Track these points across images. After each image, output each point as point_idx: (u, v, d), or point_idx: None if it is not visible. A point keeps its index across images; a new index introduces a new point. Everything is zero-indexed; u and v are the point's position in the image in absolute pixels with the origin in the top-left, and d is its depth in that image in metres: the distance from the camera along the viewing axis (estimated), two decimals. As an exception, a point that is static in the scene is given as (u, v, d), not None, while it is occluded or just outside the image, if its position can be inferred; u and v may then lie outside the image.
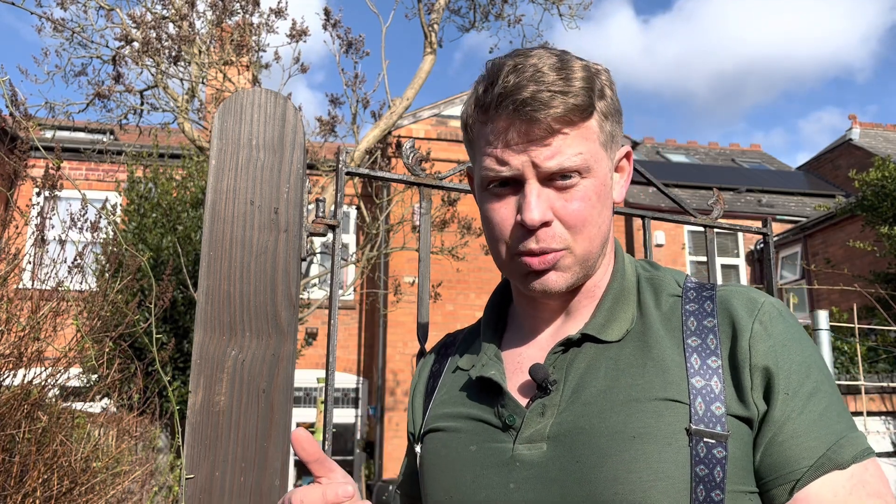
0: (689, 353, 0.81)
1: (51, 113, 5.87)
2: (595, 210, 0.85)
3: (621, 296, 0.89)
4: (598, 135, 0.85)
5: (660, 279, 0.92)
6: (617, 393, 0.80)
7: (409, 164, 1.48)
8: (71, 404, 3.10)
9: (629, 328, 0.86)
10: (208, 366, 1.19)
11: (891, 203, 8.43)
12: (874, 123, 16.13)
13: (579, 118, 0.82)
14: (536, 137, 0.81)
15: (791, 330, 0.82)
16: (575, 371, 0.84)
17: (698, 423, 0.76)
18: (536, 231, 0.83)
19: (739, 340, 0.80)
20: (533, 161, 0.82)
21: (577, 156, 0.82)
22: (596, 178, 0.85)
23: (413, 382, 1.05)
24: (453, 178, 1.79)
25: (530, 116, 0.80)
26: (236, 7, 5.78)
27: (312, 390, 11.60)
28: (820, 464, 0.75)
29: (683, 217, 1.78)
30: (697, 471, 0.75)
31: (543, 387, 0.83)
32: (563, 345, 0.86)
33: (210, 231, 1.24)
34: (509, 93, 0.80)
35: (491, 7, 6.75)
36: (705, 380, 0.79)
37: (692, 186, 13.94)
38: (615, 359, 0.83)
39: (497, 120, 0.83)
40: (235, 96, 1.30)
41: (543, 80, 0.80)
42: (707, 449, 0.75)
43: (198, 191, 7.32)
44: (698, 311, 0.85)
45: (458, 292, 10.90)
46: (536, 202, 0.82)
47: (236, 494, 1.17)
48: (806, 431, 0.77)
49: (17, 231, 2.74)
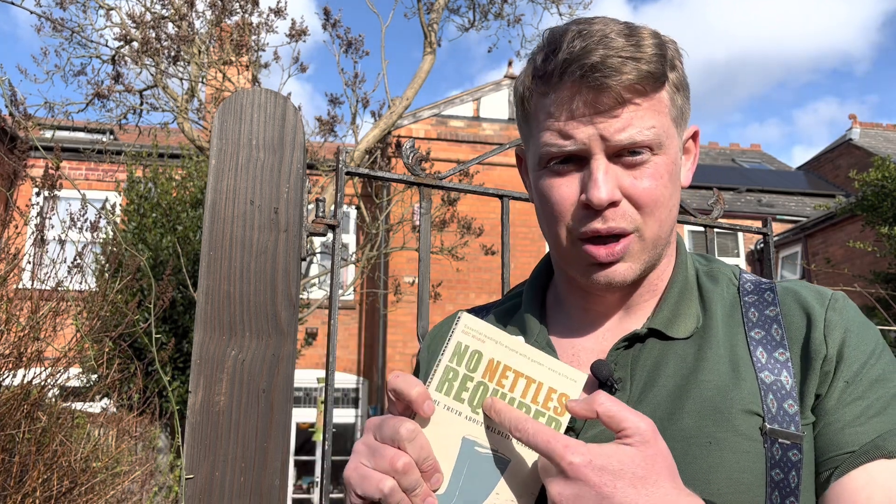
0: (754, 347, 0.76)
1: (50, 113, 5.87)
2: (667, 190, 0.77)
3: (686, 290, 0.83)
4: (670, 108, 0.77)
5: (717, 272, 0.86)
6: (687, 394, 0.74)
7: (408, 163, 1.48)
8: (71, 404, 3.10)
9: (697, 326, 0.80)
10: (208, 366, 1.19)
11: (891, 203, 8.43)
12: (874, 123, 16.14)
13: (651, 88, 0.75)
14: (605, 107, 0.73)
15: (861, 317, 0.77)
16: (641, 369, 0.78)
17: (772, 421, 0.71)
18: (604, 211, 0.75)
19: (813, 331, 0.75)
20: (601, 134, 0.74)
21: (650, 129, 0.74)
22: (667, 156, 0.77)
23: (422, 358, 0.96)
24: (453, 178, 1.80)
25: (600, 83, 0.72)
26: (235, 7, 5.78)
27: (312, 390, 11.60)
28: (864, 450, 0.70)
29: (683, 217, 1.77)
30: (773, 475, 0.70)
31: (608, 385, 0.76)
32: (628, 340, 0.79)
33: (210, 231, 1.24)
34: (576, 58, 0.72)
35: (490, 6, 6.75)
36: (774, 374, 0.74)
37: (692, 186, 13.91)
38: (683, 357, 0.77)
39: (561, 89, 0.75)
40: (235, 96, 1.30)
41: (613, 45, 0.72)
42: (782, 451, 0.70)
43: (197, 191, 7.32)
44: (758, 302, 0.80)
45: (458, 292, 10.90)
46: (604, 179, 0.74)
47: (236, 494, 1.16)
48: (858, 417, 0.72)
49: (16, 231, 2.74)
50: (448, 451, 0.69)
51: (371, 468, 0.66)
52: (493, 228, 7.70)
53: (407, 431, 0.65)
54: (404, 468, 0.64)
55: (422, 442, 0.66)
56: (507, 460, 0.68)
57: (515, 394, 0.68)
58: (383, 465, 0.65)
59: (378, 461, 0.66)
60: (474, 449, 0.69)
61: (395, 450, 0.66)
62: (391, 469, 0.65)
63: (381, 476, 0.65)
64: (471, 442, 0.69)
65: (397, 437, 0.66)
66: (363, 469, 0.67)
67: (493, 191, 1.61)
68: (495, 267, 10.05)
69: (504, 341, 0.70)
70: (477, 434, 0.69)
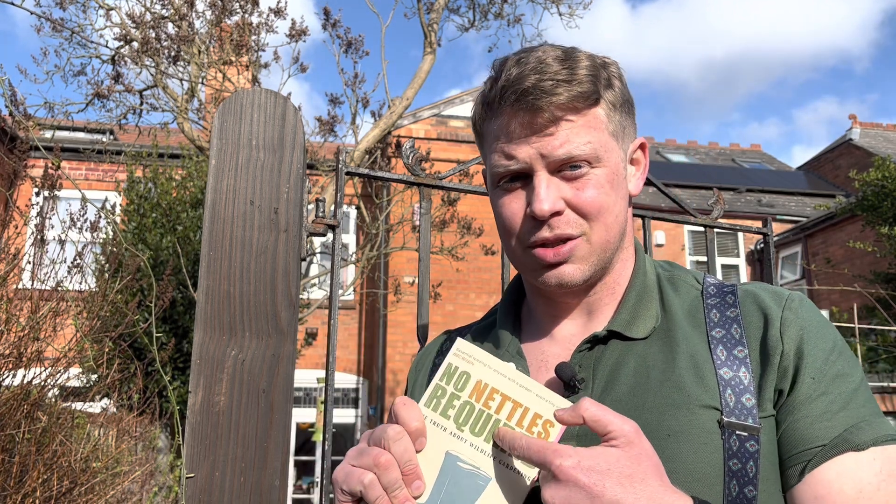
0: (715, 345, 0.80)
1: (50, 113, 5.87)
2: (609, 198, 0.82)
3: (644, 293, 0.87)
4: (607, 124, 0.83)
5: (679, 277, 0.91)
6: (647, 391, 0.78)
7: (408, 163, 1.48)
8: (71, 404, 3.10)
9: (655, 325, 0.84)
10: (208, 366, 1.19)
11: (891, 203, 8.43)
12: (874, 123, 16.14)
13: (584, 105, 0.80)
14: (540, 127, 0.80)
15: (818, 316, 0.81)
16: (603, 369, 0.82)
17: (729, 415, 0.75)
18: (548, 220, 0.81)
19: (770, 329, 0.79)
20: (540, 152, 0.80)
21: (586, 144, 0.80)
22: (607, 168, 0.82)
23: (411, 378, 1.02)
24: (453, 178, 1.80)
25: (532, 105, 0.79)
26: (235, 7, 5.78)
27: (312, 390, 11.59)
28: (834, 444, 0.73)
29: (683, 217, 1.77)
30: (731, 465, 0.73)
31: (571, 385, 0.81)
32: (590, 342, 0.84)
33: (210, 231, 1.24)
34: (511, 84, 0.79)
35: (490, 6, 6.75)
36: (733, 371, 0.78)
37: (692, 186, 13.94)
38: (643, 356, 0.82)
39: (502, 114, 0.82)
40: (235, 96, 1.30)
41: (546, 70, 0.79)
42: (740, 442, 0.74)
43: (197, 191, 7.32)
44: (720, 304, 0.84)
45: (458, 292, 10.89)
46: (546, 192, 0.80)
47: (236, 494, 1.16)
48: (825, 413, 0.75)
49: (16, 231, 2.74)
50: (432, 463, 0.72)
51: (356, 465, 0.71)
52: (493, 228, 7.64)
53: (394, 432, 0.71)
54: (385, 464, 0.69)
55: (406, 445, 0.71)
56: (488, 478, 0.72)
57: (501, 415, 0.73)
58: (367, 462, 0.70)
59: (363, 459, 0.71)
60: (457, 464, 0.72)
61: (380, 449, 0.71)
62: (373, 464, 0.70)
63: (363, 471, 0.71)
64: (454, 457, 0.73)
65: (384, 437, 0.71)
66: (349, 467, 0.72)
67: (493, 191, 1.61)
68: (495, 267, 10.04)
69: (494, 365, 0.74)
70: (461, 450, 0.73)
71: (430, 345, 1.06)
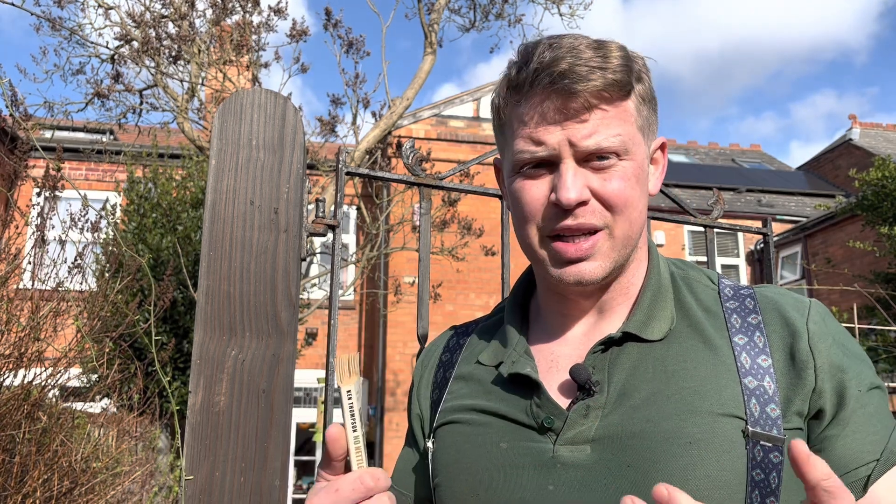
0: (738, 352, 0.79)
1: (49, 112, 5.87)
2: (635, 192, 0.80)
3: (659, 293, 0.85)
4: (636, 118, 0.81)
5: (694, 277, 0.89)
6: (669, 397, 0.77)
7: (409, 164, 1.48)
8: (71, 404, 3.10)
9: (671, 327, 0.82)
10: (208, 366, 1.19)
11: (891, 203, 8.43)
12: (874, 123, 16.15)
13: (618, 95, 0.78)
14: (574, 112, 0.77)
15: (841, 328, 0.82)
16: (619, 372, 0.80)
17: (755, 424, 0.74)
18: (573, 210, 0.78)
19: (798, 342, 0.78)
20: (570, 139, 0.77)
21: (616, 136, 0.78)
22: (634, 161, 0.81)
23: (416, 373, 1.01)
24: (453, 178, 1.79)
25: (568, 89, 0.76)
26: (236, 6, 5.78)
27: (312, 390, 11.60)
28: (885, 458, 0.75)
29: (683, 217, 1.77)
30: (753, 475, 0.72)
31: (586, 388, 0.79)
32: (604, 344, 0.82)
33: (210, 231, 1.24)
34: (545, 67, 0.76)
35: (491, 7, 6.75)
36: (758, 380, 0.77)
37: (692, 186, 13.94)
38: (662, 359, 0.80)
39: (532, 96, 0.79)
40: (235, 96, 1.30)
41: (581, 55, 0.76)
42: (764, 453, 0.73)
43: (198, 191, 7.32)
44: (740, 309, 0.83)
45: (458, 292, 10.89)
46: (573, 180, 0.77)
47: (236, 495, 1.16)
48: (870, 426, 0.77)
49: (17, 231, 2.74)
50: None
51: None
52: (494, 229, 7.70)
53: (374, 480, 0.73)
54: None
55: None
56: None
57: None
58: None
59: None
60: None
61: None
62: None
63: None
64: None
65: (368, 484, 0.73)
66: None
67: (493, 191, 1.61)
68: (495, 267, 10.04)
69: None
70: None
71: (437, 340, 1.03)
